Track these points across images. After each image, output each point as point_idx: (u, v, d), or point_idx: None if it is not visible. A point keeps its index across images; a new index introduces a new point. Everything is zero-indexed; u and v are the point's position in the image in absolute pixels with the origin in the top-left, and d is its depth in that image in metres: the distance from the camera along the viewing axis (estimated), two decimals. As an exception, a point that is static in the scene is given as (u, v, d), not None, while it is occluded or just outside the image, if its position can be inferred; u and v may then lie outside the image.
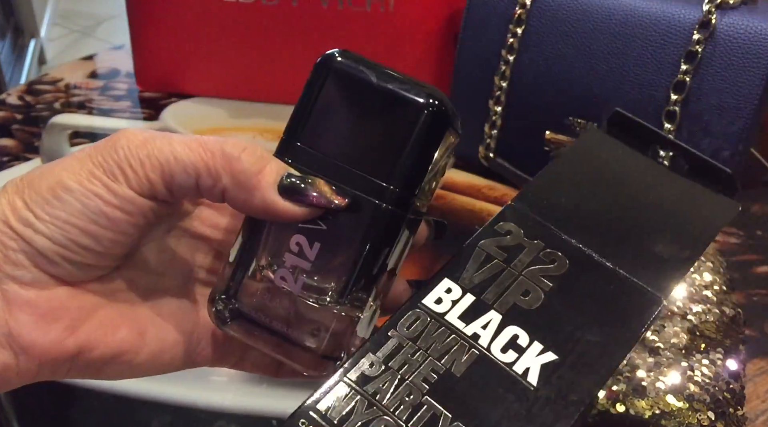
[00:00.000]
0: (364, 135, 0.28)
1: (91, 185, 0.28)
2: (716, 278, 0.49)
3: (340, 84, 0.29)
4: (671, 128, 0.55)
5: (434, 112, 0.27)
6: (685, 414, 0.41)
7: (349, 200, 0.28)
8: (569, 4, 0.57)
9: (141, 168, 0.28)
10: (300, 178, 0.29)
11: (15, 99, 0.73)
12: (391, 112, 0.28)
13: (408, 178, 0.28)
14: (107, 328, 0.30)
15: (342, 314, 0.29)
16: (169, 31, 0.70)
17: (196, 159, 0.28)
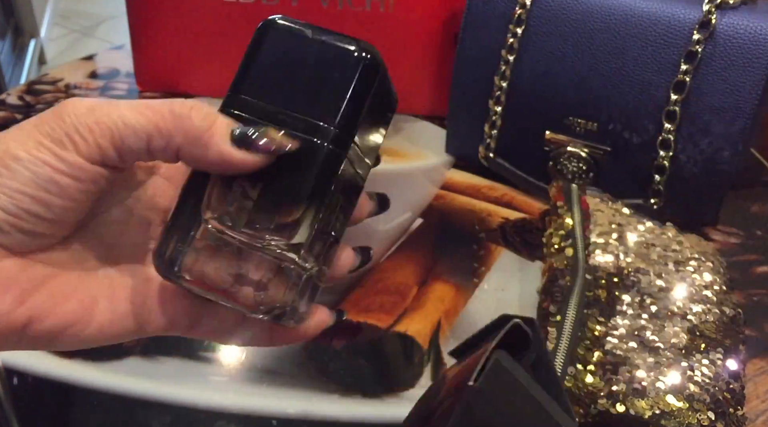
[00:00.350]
0: (303, 83, 0.31)
1: (39, 153, 0.28)
2: (716, 278, 0.49)
3: (280, 40, 0.32)
4: (671, 128, 0.55)
5: (365, 58, 0.31)
6: (685, 414, 0.41)
7: (298, 144, 0.30)
8: (569, 4, 0.57)
9: (90, 134, 0.28)
10: (249, 128, 0.30)
11: (15, 99, 0.73)
12: (327, 60, 0.31)
13: (343, 118, 0.30)
14: (57, 299, 0.30)
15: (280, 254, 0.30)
16: (169, 31, 0.70)
17: (146, 122, 0.29)
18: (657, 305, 0.46)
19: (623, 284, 0.47)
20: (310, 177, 0.30)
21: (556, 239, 0.50)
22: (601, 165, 0.59)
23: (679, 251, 0.50)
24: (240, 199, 0.30)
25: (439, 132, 0.70)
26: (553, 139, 0.60)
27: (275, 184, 0.30)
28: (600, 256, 0.49)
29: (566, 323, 0.45)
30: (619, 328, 0.45)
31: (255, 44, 0.32)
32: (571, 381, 0.42)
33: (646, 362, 0.43)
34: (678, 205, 0.58)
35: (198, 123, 0.29)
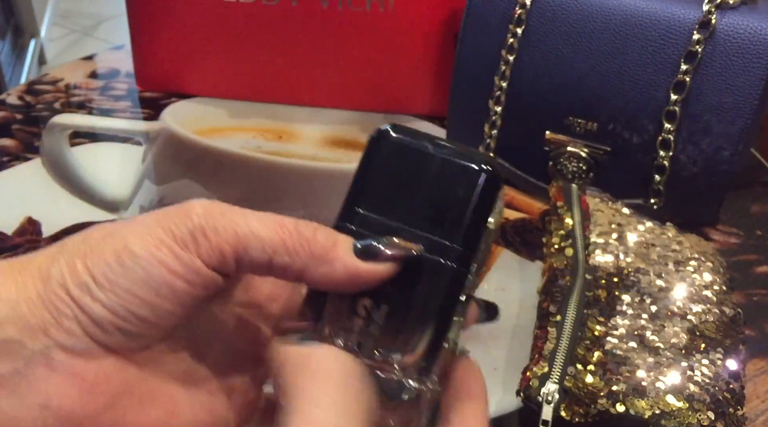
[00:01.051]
0: (422, 198, 0.30)
1: (158, 252, 0.26)
2: (716, 278, 0.49)
3: (396, 153, 0.31)
4: (671, 128, 0.55)
5: (489, 175, 0.30)
6: (685, 414, 0.41)
7: (422, 249, 0.29)
8: (569, 4, 0.57)
9: (215, 237, 0.27)
10: (372, 238, 0.29)
11: (15, 99, 0.73)
12: (447, 175, 0.30)
13: (468, 236, 0.30)
14: (144, 404, 0.28)
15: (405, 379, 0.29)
16: (169, 31, 0.70)
17: (274, 236, 0.28)
18: (657, 305, 0.46)
19: (623, 284, 0.47)
20: (437, 298, 0.29)
21: (556, 238, 0.50)
22: (601, 165, 0.59)
23: (679, 251, 0.50)
24: (362, 323, 0.29)
25: (439, 132, 0.70)
26: (553, 139, 0.60)
27: (400, 306, 0.29)
28: (600, 256, 0.49)
29: (566, 322, 0.45)
30: (619, 328, 0.45)
31: (369, 156, 0.31)
32: (571, 381, 0.42)
33: (646, 362, 0.43)
34: (678, 205, 0.58)
35: (323, 241, 0.28)
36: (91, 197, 0.62)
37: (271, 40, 0.69)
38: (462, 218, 0.29)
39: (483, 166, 0.30)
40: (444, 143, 0.31)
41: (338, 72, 0.71)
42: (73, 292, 0.26)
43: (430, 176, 0.30)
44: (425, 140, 0.31)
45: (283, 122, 0.71)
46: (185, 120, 0.70)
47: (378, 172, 0.31)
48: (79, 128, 0.70)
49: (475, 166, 0.30)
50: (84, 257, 0.27)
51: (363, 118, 0.72)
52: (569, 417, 0.41)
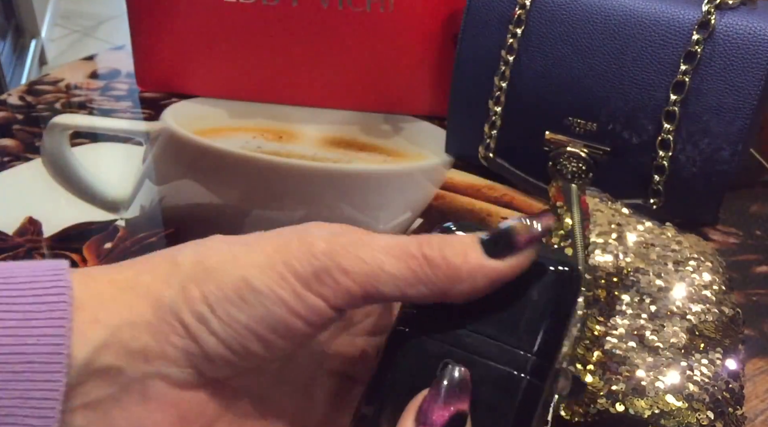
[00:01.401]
0: (501, 302, 0.27)
1: (280, 291, 0.25)
2: (715, 278, 0.49)
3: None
4: (671, 128, 0.56)
5: (567, 275, 0.27)
6: (685, 414, 0.41)
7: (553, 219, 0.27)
8: (569, 4, 0.57)
9: (344, 278, 0.25)
10: (497, 233, 0.26)
11: (16, 99, 0.74)
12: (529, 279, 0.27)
13: (545, 345, 0.27)
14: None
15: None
16: (169, 32, 0.70)
17: (405, 270, 0.25)
18: (656, 305, 0.46)
19: (623, 283, 0.48)
20: (508, 417, 0.25)
21: (555, 238, 0.50)
22: (601, 165, 0.59)
23: (678, 251, 0.50)
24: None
25: (439, 132, 0.70)
26: (553, 139, 0.60)
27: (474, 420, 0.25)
28: (599, 256, 0.49)
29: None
30: (618, 327, 0.45)
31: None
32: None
33: (646, 361, 0.43)
34: (677, 205, 0.58)
35: (453, 260, 0.26)
36: (91, 197, 0.62)
37: (271, 40, 0.69)
38: (539, 323, 0.26)
39: (562, 267, 0.27)
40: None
41: (338, 72, 0.71)
42: (188, 321, 0.25)
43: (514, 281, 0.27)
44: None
45: (283, 122, 0.71)
46: (186, 120, 0.70)
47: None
48: (80, 128, 0.70)
49: (555, 266, 0.27)
50: (200, 283, 0.25)
51: (363, 118, 0.72)
52: (569, 417, 0.41)
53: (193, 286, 0.25)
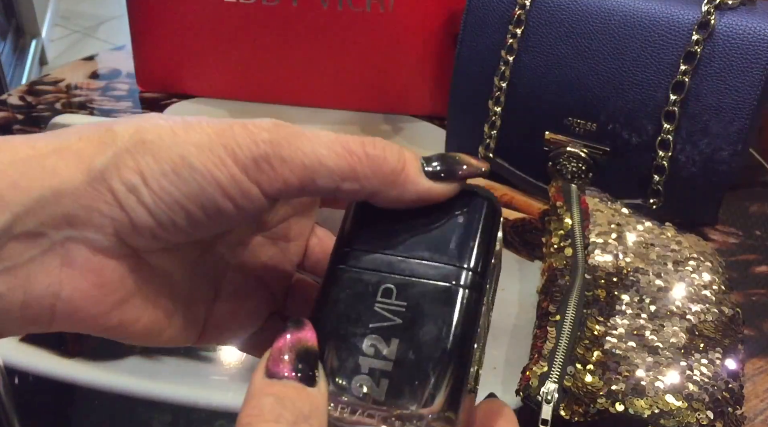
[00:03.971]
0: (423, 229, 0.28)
1: (217, 172, 0.25)
2: (715, 278, 0.49)
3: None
4: (670, 128, 0.56)
5: (491, 200, 0.29)
6: (684, 413, 0.41)
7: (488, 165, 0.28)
8: (568, 5, 0.57)
9: (281, 167, 0.26)
10: (441, 157, 0.28)
11: (16, 99, 0.74)
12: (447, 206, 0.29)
13: (478, 259, 0.28)
14: (147, 306, 0.27)
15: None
16: (169, 32, 0.70)
17: (343, 164, 0.26)
18: (656, 305, 0.46)
19: (622, 283, 0.48)
20: (453, 331, 0.26)
21: (555, 238, 0.50)
22: (601, 165, 0.59)
23: (678, 251, 0.50)
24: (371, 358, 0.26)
25: (439, 132, 0.70)
26: (553, 139, 0.60)
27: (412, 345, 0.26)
28: (599, 256, 0.49)
29: (566, 322, 0.45)
30: (618, 327, 0.45)
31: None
32: (570, 380, 0.42)
33: (646, 361, 0.43)
34: (677, 205, 0.58)
35: (393, 164, 0.27)
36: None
37: (271, 40, 0.69)
38: (470, 241, 0.28)
39: (483, 193, 0.29)
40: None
41: (338, 72, 0.71)
42: (116, 188, 0.25)
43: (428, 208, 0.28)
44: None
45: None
46: (186, 120, 0.70)
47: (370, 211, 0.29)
48: (80, 129, 0.70)
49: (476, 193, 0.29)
50: (136, 154, 0.25)
51: (363, 118, 0.72)
52: (568, 416, 0.41)
53: (128, 156, 0.25)
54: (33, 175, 0.24)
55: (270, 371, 0.24)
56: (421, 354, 0.25)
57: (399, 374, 0.25)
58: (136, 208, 0.25)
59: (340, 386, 0.25)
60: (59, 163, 0.24)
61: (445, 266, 0.27)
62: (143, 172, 0.25)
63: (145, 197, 0.25)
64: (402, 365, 0.25)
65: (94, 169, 0.25)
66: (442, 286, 0.27)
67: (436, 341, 0.26)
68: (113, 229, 0.25)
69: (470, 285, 0.27)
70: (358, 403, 0.25)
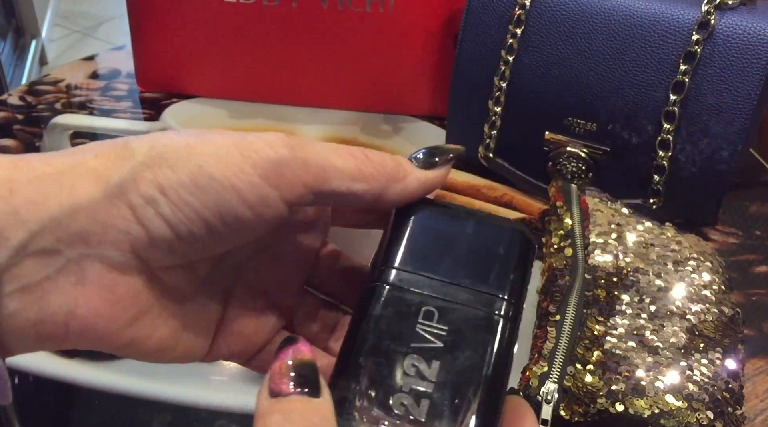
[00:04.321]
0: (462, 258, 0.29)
1: (235, 179, 0.25)
2: (715, 278, 0.49)
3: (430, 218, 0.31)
4: (670, 128, 0.56)
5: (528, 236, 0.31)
6: (684, 413, 0.41)
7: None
8: (568, 5, 0.57)
9: (300, 169, 0.26)
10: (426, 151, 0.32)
11: (16, 99, 0.74)
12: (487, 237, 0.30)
13: (516, 292, 0.29)
14: (159, 323, 0.28)
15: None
16: (169, 32, 0.70)
17: (351, 165, 0.28)
18: (656, 305, 0.46)
19: (622, 283, 0.48)
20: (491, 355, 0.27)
21: (555, 238, 0.51)
22: (601, 165, 0.59)
23: (678, 251, 0.50)
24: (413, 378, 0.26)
25: (439, 132, 0.70)
26: (553, 139, 0.60)
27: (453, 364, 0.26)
28: (599, 255, 0.49)
29: (565, 322, 0.45)
30: (618, 327, 0.45)
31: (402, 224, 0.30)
32: (570, 380, 0.42)
33: (645, 361, 0.43)
34: (677, 205, 0.58)
35: (392, 163, 0.29)
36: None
37: (271, 40, 0.69)
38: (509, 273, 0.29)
39: (519, 227, 0.31)
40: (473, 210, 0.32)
41: (338, 72, 0.71)
42: (134, 202, 0.25)
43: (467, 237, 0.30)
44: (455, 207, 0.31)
45: (283, 122, 0.71)
46: (186, 120, 0.70)
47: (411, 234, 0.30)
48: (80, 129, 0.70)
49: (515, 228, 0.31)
50: (154, 167, 0.25)
51: (363, 118, 0.72)
52: (568, 416, 0.41)
53: (145, 169, 0.25)
54: (50, 193, 0.24)
55: (273, 391, 0.24)
56: (462, 378, 0.26)
57: (440, 397, 0.26)
58: (154, 220, 0.25)
59: (379, 402, 0.25)
60: (76, 180, 0.25)
61: (485, 294, 0.28)
62: (161, 183, 0.25)
63: (164, 208, 0.25)
64: (443, 387, 0.26)
65: (111, 184, 0.25)
66: (483, 314, 0.28)
67: (476, 366, 0.26)
68: (129, 245, 0.25)
69: (509, 315, 0.28)
70: (397, 421, 0.25)
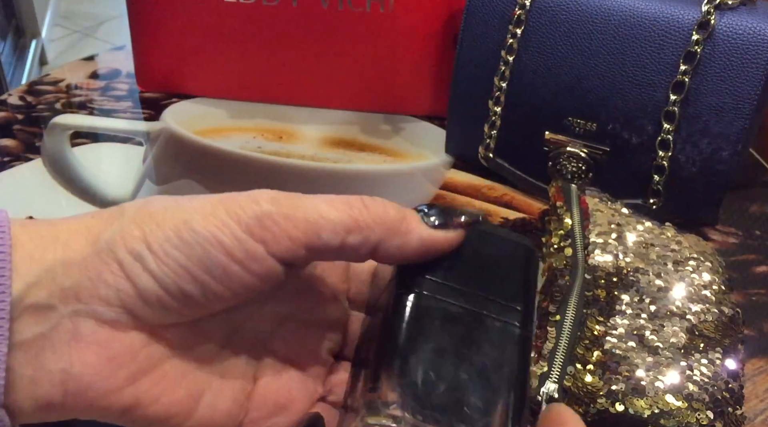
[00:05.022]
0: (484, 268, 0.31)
1: (220, 234, 0.25)
2: (715, 278, 0.49)
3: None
4: (670, 128, 0.56)
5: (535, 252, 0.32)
6: (684, 413, 0.41)
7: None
8: (568, 5, 0.57)
9: (285, 222, 0.26)
10: (439, 209, 0.29)
11: (16, 99, 0.74)
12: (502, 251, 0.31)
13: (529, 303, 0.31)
14: (167, 384, 0.27)
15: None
16: (169, 32, 0.70)
17: (346, 216, 0.27)
18: (656, 305, 0.46)
19: (622, 283, 0.48)
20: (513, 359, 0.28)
21: (555, 238, 0.51)
22: (601, 165, 0.59)
23: (678, 251, 0.50)
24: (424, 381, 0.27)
25: (439, 132, 0.70)
26: (553, 139, 0.60)
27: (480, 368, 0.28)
28: (599, 256, 0.49)
29: (565, 322, 0.45)
30: (618, 327, 0.45)
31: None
32: (570, 380, 0.42)
33: (645, 361, 0.43)
34: (677, 205, 0.58)
35: (394, 214, 0.28)
36: (92, 197, 0.62)
37: (271, 40, 0.69)
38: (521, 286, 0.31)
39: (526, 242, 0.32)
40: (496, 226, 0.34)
41: (338, 72, 0.71)
42: (123, 258, 0.25)
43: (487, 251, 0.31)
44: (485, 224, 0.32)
45: (283, 122, 0.71)
46: (186, 120, 0.70)
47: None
48: (80, 128, 0.70)
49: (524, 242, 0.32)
50: (141, 224, 0.25)
51: (363, 118, 0.72)
52: (568, 416, 0.41)
53: (133, 226, 0.25)
54: (47, 248, 0.25)
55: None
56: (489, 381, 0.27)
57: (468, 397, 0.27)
58: (141, 276, 0.25)
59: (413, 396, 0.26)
60: (71, 236, 0.25)
61: (504, 303, 0.30)
62: (148, 239, 0.25)
63: (150, 263, 0.25)
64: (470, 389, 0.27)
65: (101, 240, 0.25)
66: (502, 322, 0.29)
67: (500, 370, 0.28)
68: (119, 300, 0.25)
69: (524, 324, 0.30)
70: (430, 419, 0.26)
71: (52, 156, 0.66)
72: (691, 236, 0.53)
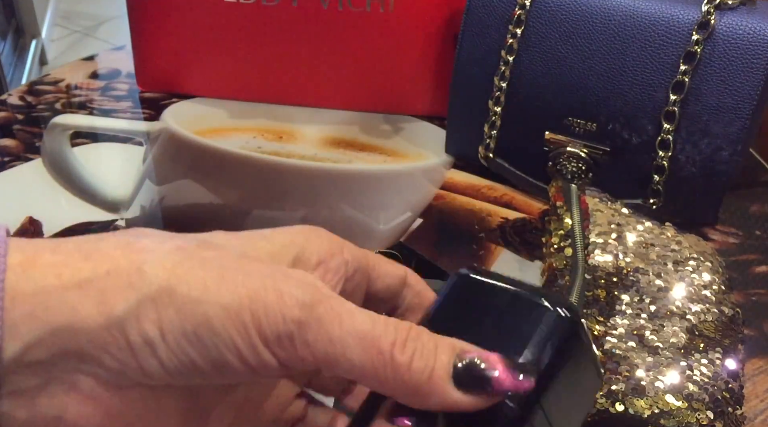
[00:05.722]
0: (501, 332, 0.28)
1: (238, 339, 0.24)
2: (715, 278, 0.49)
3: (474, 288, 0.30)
4: (670, 128, 0.56)
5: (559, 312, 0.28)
6: (684, 413, 0.41)
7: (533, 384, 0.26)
8: (568, 5, 0.57)
9: (304, 350, 0.25)
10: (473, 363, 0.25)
11: (16, 99, 0.74)
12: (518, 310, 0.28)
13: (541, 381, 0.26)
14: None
15: None
16: (169, 32, 0.70)
17: (367, 364, 0.25)
18: (656, 305, 0.46)
19: (622, 283, 0.48)
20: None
21: (555, 238, 0.51)
22: (601, 165, 0.59)
23: (678, 251, 0.50)
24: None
25: (439, 132, 0.70)
26: (553, 139, 0.60)
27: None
28: (599, 256, 0.49)
29: (565, 322, 0.45)
30: (618, 327, 0.45)
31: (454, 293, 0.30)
32: (570, 380, 0.42)
33: (645, 361, 0.43)
34: (677, 205, 0.58)
35: (417, 375, 0.25)
36: (92, 197, 0.62)
37: (271, 40, 0.69)
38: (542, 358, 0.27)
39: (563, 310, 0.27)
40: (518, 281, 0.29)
41: (338, 72, 0.71)
42: (134, 341, 0.24)
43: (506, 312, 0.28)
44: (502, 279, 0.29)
45: (283, 122, 0.71)
46: (186, 120, 0.70)
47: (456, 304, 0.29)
48: (80, 128, 0.70)
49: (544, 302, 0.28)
50: (160, 305, 0.24)
51: (363, 118, 0.72)
52: (568, 416, 0.41)
53: (151, 305, 0.24)
54: (51, 307, 0.24)
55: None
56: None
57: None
58: (149, 360, 0.24)
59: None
60: (80, 299, 0.24)
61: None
62: (163, 326, 0.24)
63: (161, 352, 0.24)
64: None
65: (113, 315, 0.24)
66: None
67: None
68: (123, 372, 0.25)
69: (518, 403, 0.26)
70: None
71: (52, 156, 0.66)
72: (691, 236, 0.53)
